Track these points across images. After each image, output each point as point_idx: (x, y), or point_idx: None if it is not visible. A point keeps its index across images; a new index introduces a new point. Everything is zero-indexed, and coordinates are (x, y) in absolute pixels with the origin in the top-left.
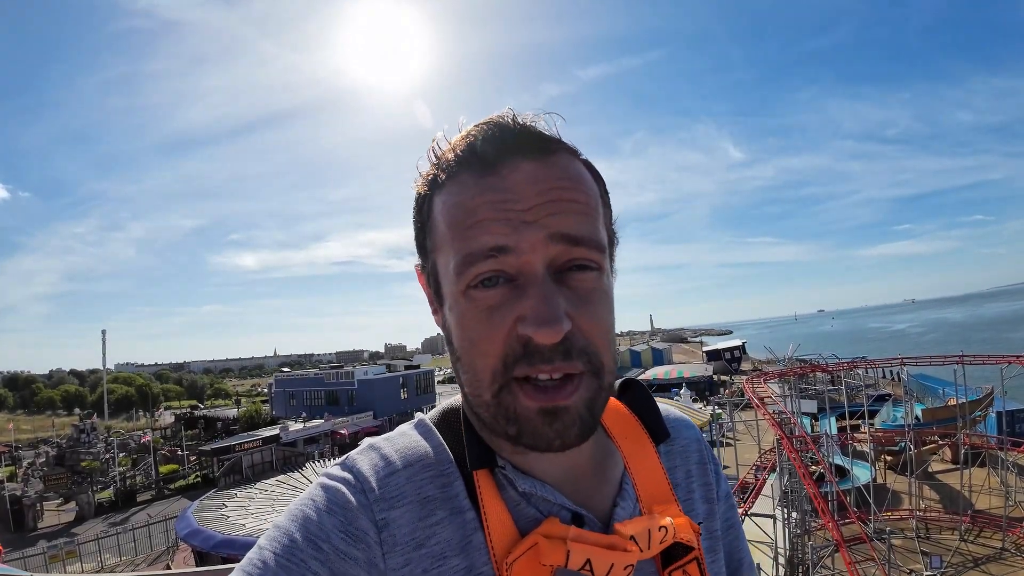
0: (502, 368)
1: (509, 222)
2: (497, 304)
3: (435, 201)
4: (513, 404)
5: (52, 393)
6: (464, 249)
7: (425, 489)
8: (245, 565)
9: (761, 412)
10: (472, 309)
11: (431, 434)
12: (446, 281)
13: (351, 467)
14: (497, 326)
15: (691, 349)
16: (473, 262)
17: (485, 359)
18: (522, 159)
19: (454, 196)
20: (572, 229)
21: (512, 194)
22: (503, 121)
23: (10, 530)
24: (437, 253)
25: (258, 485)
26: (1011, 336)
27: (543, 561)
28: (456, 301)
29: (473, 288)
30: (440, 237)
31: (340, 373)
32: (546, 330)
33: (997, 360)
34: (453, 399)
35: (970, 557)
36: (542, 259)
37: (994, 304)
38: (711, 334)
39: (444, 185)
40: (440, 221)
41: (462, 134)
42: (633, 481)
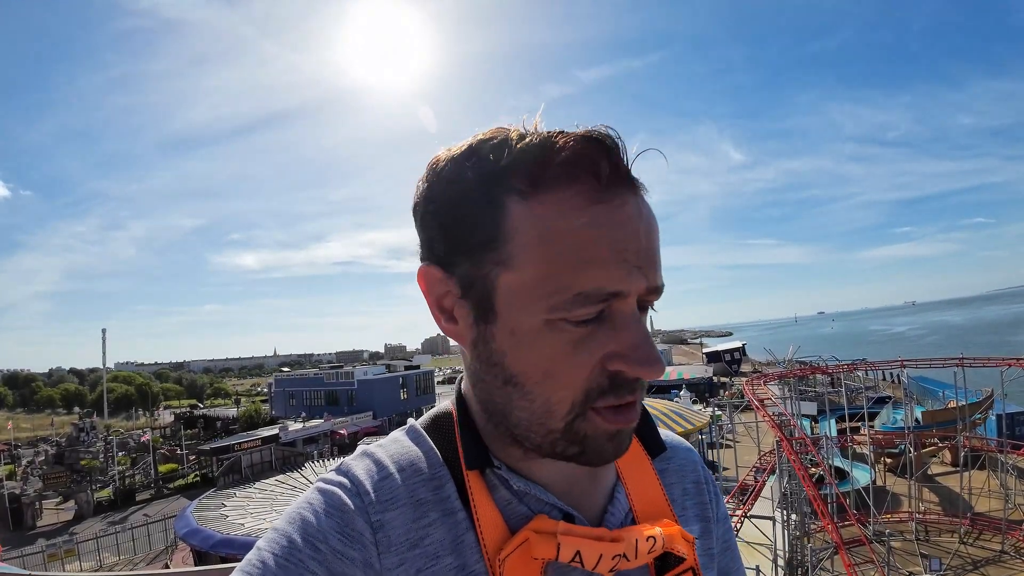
0: (582, 400)
1: (625, 265)
2: (586, 337)
3: (513, 207)
4: (585, 429)
5: (52, 392)
6: (576, 287)
7: (418, 492)
8: (245, 566)
9: (761, 414)
10: (557, 339)
11: (422, 439)
12: (516, 303)
13: (347, 472)
14: (584, 360)
15: (691, 350)
16: (584, 304)
17: (564, 391)
18: (628, 192)
19: (560, 216)
20: (661, 280)
21: (626, 232)
22: (612, 142)
23: (9, 529)
24: (509, 268)
25: (257, 485)
26: (1011, 339)
27: (534, 555)
28: (532, 328)
29: (564, 320)
30: (526, 255)
31: (340, 373)
32: (654, 369)
33: (997, 363)
34: (443, 404)
35: (969, 560)
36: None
37: (994, 307)
38: (711, 336)
39: (536, 194)
40: (531, 238)
41: (564, 139)
42: (627, 490)
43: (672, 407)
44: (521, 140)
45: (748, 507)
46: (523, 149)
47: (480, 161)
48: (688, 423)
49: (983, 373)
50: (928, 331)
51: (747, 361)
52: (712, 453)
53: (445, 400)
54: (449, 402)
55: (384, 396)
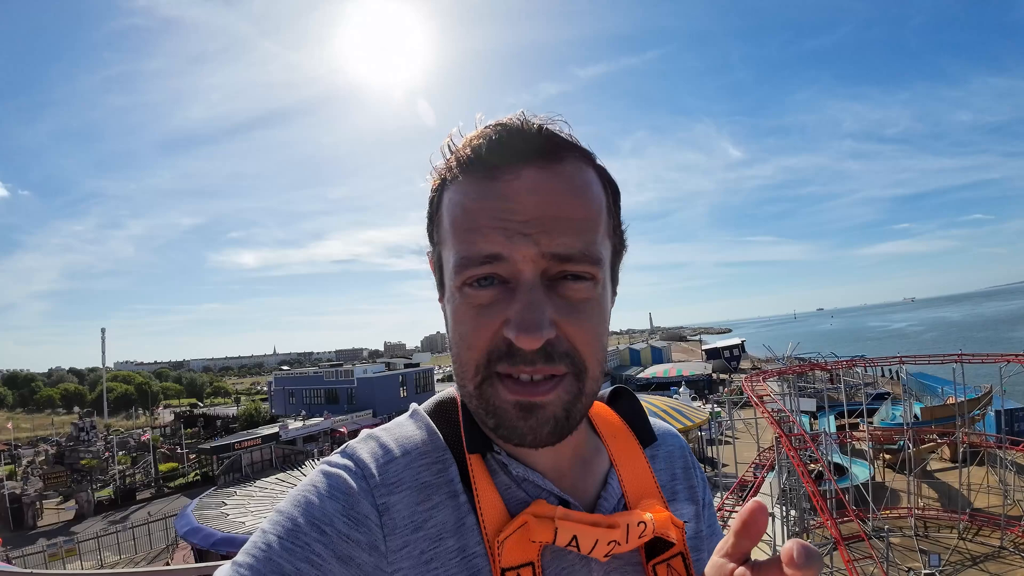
0: (485, 362)
1: (505, 231)
2: (488, 303)
3: (444, 197)
4: (493, 397)
5: (51, 391)
6: (461, 251)
7: (422, 475)
8: (249, 548)
9: (760, 410)
10: (465, 305)
11: (425, 423)
12: (447, 275)
13: (351, 455)
14: (485, 324)
15: (690, 347)
16: (468, 265)
17: (471, 352)
18: (525, 166)
19: (457, 196)
20: (564, 248)
21: (511, 203)
22: (511, 124)
23: (10, 528)
24: (442, 247)
25: (257, 483)
26: (1010, 335)
27: (532, 538)
28: (452, 295)
29: (468, 286)
30: (444, 233)
31: (339, 371)
32: (527, 336)
33: (996, 359)
34: (448, 390)
35: (968, 555)
36: (534, 268)
37: (993, 303)
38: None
39: (451, 183)
40: (445, 218)
41: (474, 133)
42: (620, 477)
43: (672, 404)
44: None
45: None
46: (454, 146)
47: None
48: (688, 420)
49: (982, 369)
50: (927, 327)
51: (746, 358)
52: (711, 449)
53: (451, 387)
54: (453, 388)
55: (384, 394)
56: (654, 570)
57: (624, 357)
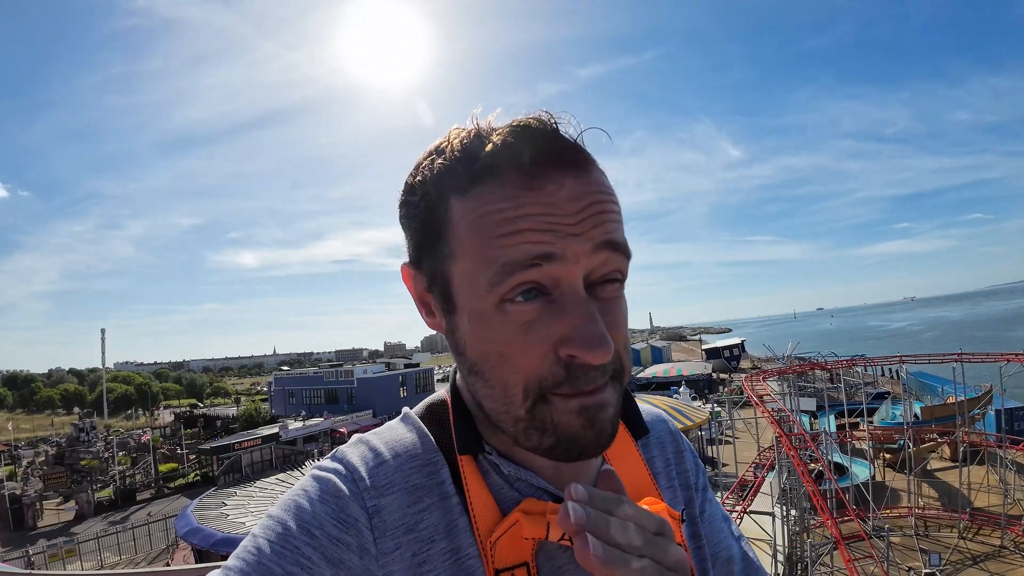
0: (537, 387)
1: (555, 232)
2: (534, 320)
3: (454, 204)
4: (550, 413)
5: (51, 392)
6: (503, 257)
7: (413, 477)
8: (240, 552)
9: (760, 410)
10: (507, 323)
11: (416, 426)
12: (466, 290)
13: (341, 459)
14: (534, 344)
15: (690, 347)
16: (513, 271)
17: (519, 375)
18: (564, 175)
19: (489, 205)
20: (614, 235)
21: (557, 208)
22: (544, 127)
23: (10, 529)
24: (454, 260)
25: (257, 483)
26: (1010, 334)
27: (525, 535)
28: (486, 312)
29: (509, 301)
30: (462, 244)
31: (339, 371)
32: (598, 353)
33: (996, 358)
34: (438, 392)
35: (969, 555)
36: (582, 272)
37: (993, 302)
38: (710, 332)
39: (471, 190)
40: (464, 228)
41: (497, 133)
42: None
43: (672, 403)
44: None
45: (747, 503)
46: (461, 148)
47: (432, 166)
48: (687, 419)
49: (982, 368)
50: (927, 327)
51: (746, 357)
52: (712, 449)
53: (441, 389)
54: (444, 390)
55: (384, 394)
56: None
57: None
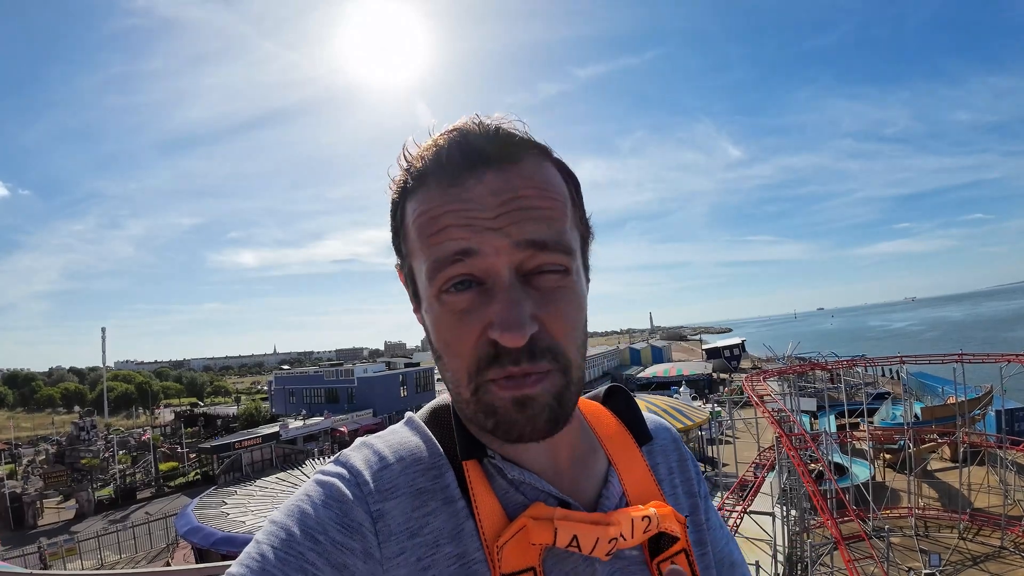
0: (475, 370)
1: (472, 227)
2: (467, 308)
3: (407, 207)
4: (489, 398)
5: (52, 391)
6: (432, 255)
7: (417, 481)
8: (243, 559)
9: (760, 410)
10: (445, 313)
11: (421, 430)
12: (421, 284)
13: (345, 463)
14: (468, 330)
15: (690, 347)
16: (441, 267)
17: (460, 360)
18: (486, 169)
19: (422, 204)
20: (536, 235)
21: (476, 203)
22: (469, 129)
23: (10, 527)
24: (412, 257)
25: (258, 482)
26: (1010, 335)
27: (532, 540)
28: (431, 304)
29: (445, 292)
30: (412, 243)
31: (340, 371)
32: (510, 335)
33: (996, 359)
34: (442, 397)
35: (969, 555)
36: (508, 263)
37: (993, 303)
38: (711, 332)
39: (414, 192)
40: (411, 227)
41: (430, 141)
42: (619, 476)
43: (672, 403)
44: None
45: (748, 503)
46: (409, 156)
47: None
48: (688, 419)
49: (982, 369)
50: (927, 327)
51: (747, 357)
52: (712, 449)
53: (444, 393)
54: (448, 395)
55: (384, 393)
56: (658, 568)
57: (624, 357)
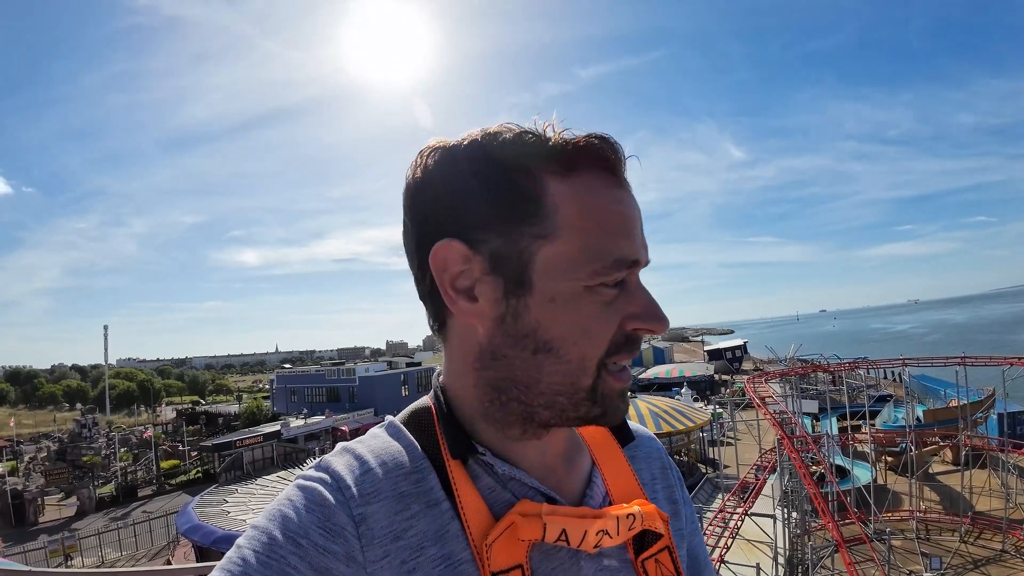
0: (604, 355)
1: (640, 240)
2: (613, 300)
3: (553, 185)
4: (604, 388)
5: (54, 388)
6: (615, 253)
7: (400, 485)
8: (225, 564)
9: (762, 412)
10: (592, 302)
11: (401, 434)
12: (557, 272)
13: (326, 468)
14: (611, 318)
15: (692, 348)
16: (619, 268)
17: (595, 347)
18: (627, 185)
19: (591, 193)
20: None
21: (633, 212)
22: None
23: (11, 524)
24: (550, 240)
25: (259, 481)
26: (1013, 338)
27: (521, 537)
28: (576, 294)
29: (603, 285)
30: (567, 226)
31: (341, 370)
32: (664, 323)
33: (999, 362)
34: (422, 399)
35: (970, 559)
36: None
37: (996, 305)
38: (712, 333)
39: (571, 175)
40: (572, 211)
41: (579, 137)
42: (602, 475)
43: (673, 405)
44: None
45: (749, 505)
46: (546, 136)
47: (510, 144)
48: (689, 421)
49: (984, 372)
50: (929, 329)
51: (748, 359)
52: (713, 451)
53: (424, 396)
54: (427, 397)
55: (385, 393)
56: (643, 566)
57: None
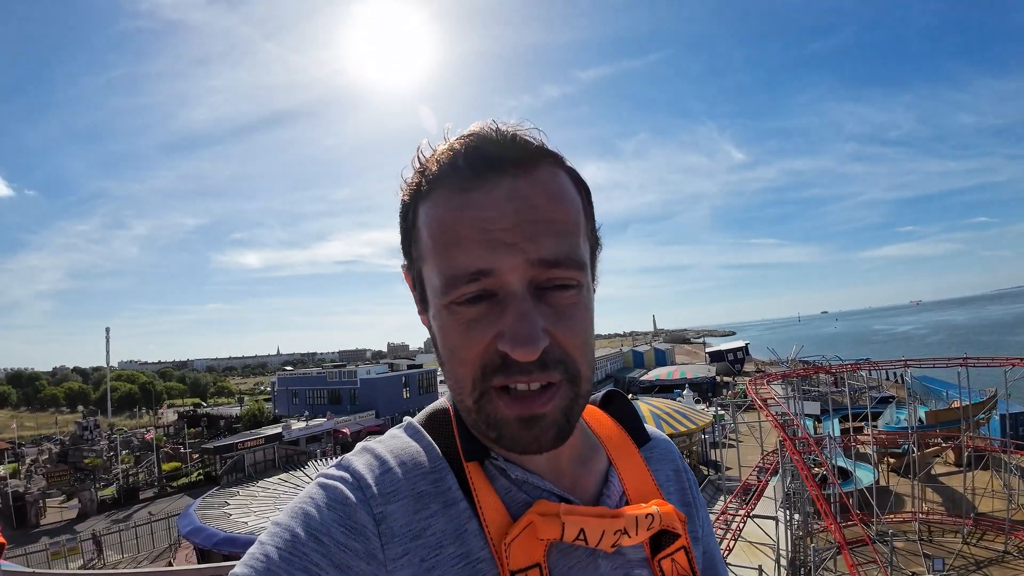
0: (480, 377)
1: (489, 244)
2: (477, 318)
3: (419, 211)
4: (493, 411)
5: (56, 390)
6: (447, 270)
7: (419, 485)
8: (248, 559)
9: (764, 413)
10: (454, 321)
11: (420, 435)
12: (430, 291)
13: (347, 467)
14: (477, 339)
15: (694, 350)
16: (456, 285)
17: (464, 367)
18: (502, 176)
19: (436, 210)
20: (550, 253)
21: (492, 212)
22: (485, 133)
23: (12, 526)
24: (422, 263)
25: (260, 483)
26: (1015, 339)
27: (540, 536)
28: (439, 312)
29: (456, 304)
30: (424, 249)
31: (342, 372)
32: (523, 349)
33: (1001, 362)
34: (440, 400)
35: (972, 560)
36: (522, 279)
37: (998, 306)
38: (714, 335)
39: (427, 196)
40: (424, 233)
41: (446, 144)
42: (619, 475)
43: (675, 406)
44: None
45: (751, 507)
46: (424, 159)
47: (410, 176)
48: (691, 422)
49: (987, 373)
50: (931, 331)
51: (750, 360)
52: (715, 452)
53: (442, 397)
54: (445, 398)
55: (386, 395)
56: (659, 566)
57: (628, 359)
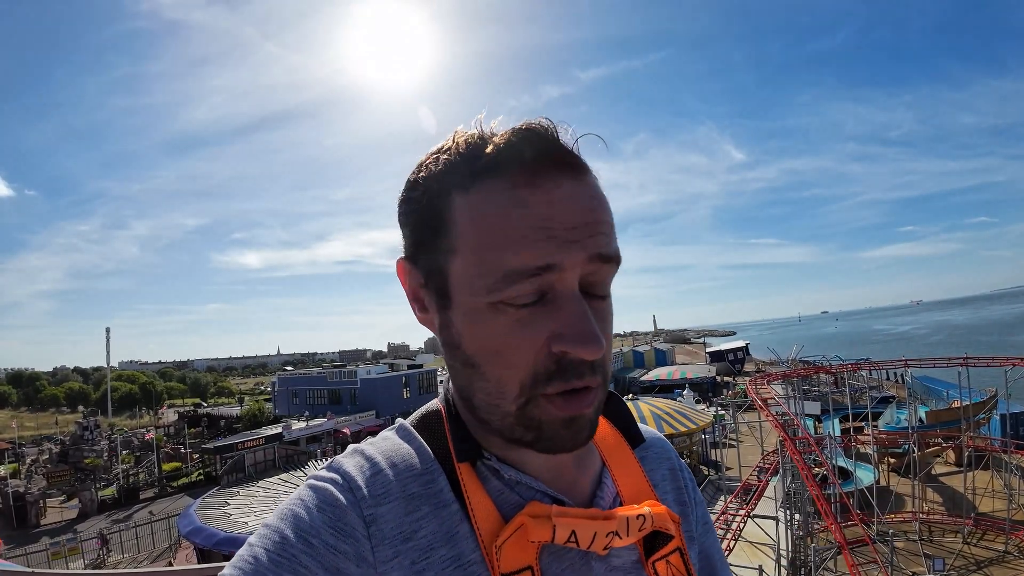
0: (531, 383)
1: (554, 240)
2: (528, 318)
3: (456, 200)
4: (540, 414)
5: (56, 390)
6: (505, 266)
7: (409, 487)
8: (237, 561)
9: (764, 413)
10: (501, 320)
11: (412, 437)
12: (463, 287)
13: (338, 468)
14: (529, 340)
15: (694, 350)
16: (514, 281)
17: (512, 371)
18: (562, 176)
19: (490, 203)
20: (606, 249)
21: (556, 211)
22: (545, 132)
23: (13, 527)
24: (454, 255)
25: (260, 483)
26: (1015, 338)
27: (531, 538)
28: (477, 311)
29: (506, 303)
30: (463, 241)
31: (343, 372)
32: (589, 348)
33: (1001, 362)
34: (431, 403)
35: (973, 560)
36: (577, 276)
37: (998, 306)
38: (714, 335)
39: (473, 186)
40: (466, 224)
41: (500, 135)
42: (613, 476)
43: (675, 406)
44: (465, 139)
45: (751, 507)
46: (465, 146)
47: (435, 163)
48: (691, 422)
49: (987, 373)
50: (932, 331)
51: (750, 360)
52: (715, 453)
53: (434, 399)
54: (437, 400)
55: (387, 395)
56: (654, 568)
57: (628, 359)
